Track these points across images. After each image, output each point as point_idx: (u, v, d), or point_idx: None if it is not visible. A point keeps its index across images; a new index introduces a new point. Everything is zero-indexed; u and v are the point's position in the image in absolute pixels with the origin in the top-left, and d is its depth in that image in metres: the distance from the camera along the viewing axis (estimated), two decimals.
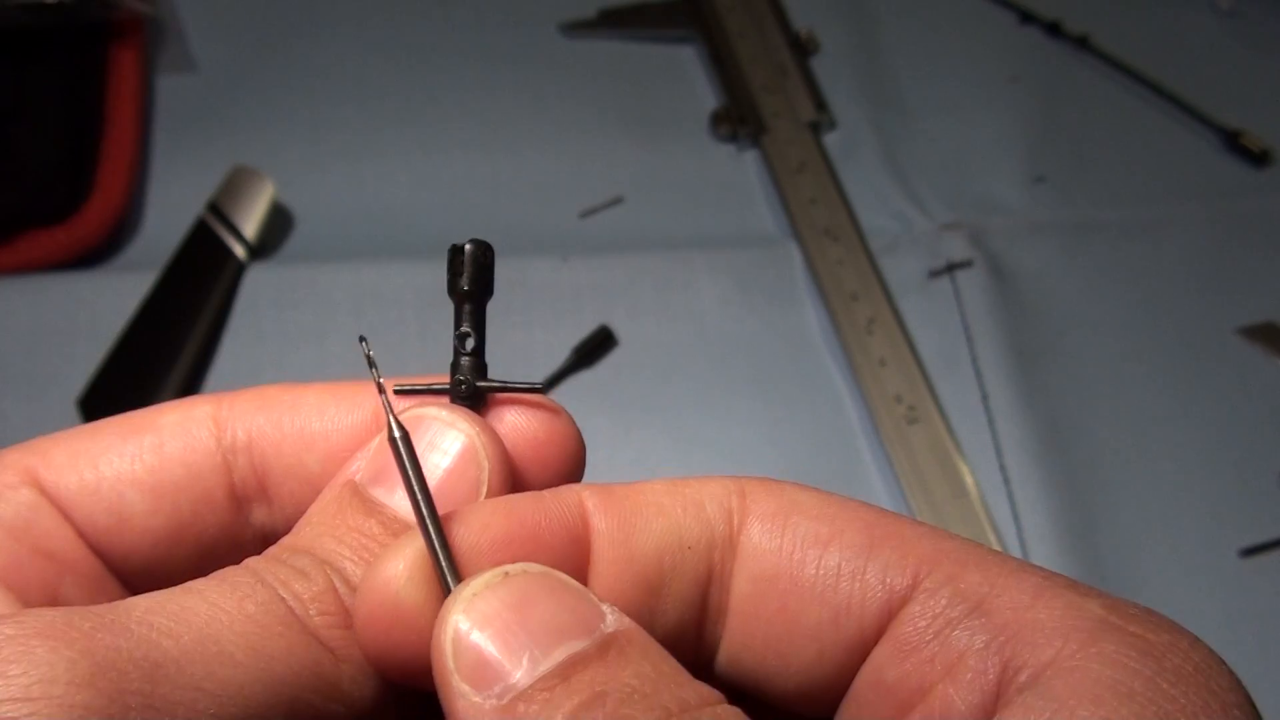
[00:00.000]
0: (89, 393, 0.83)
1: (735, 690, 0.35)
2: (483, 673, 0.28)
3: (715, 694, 0.29)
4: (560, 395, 0.87)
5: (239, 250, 0.90)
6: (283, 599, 0.30)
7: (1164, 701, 0.27)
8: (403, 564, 0.31)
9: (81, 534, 0.34)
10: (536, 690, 0.28)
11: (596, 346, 0.89)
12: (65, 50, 0.96)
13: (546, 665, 0.28)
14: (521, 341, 0.89)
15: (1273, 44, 1.10)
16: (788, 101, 1.02)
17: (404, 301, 0.89)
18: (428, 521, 0.31)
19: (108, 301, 0.87)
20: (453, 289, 0.36)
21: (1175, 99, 1.04)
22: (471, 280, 0.36)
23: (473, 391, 0.35)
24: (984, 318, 0.91)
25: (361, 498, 0.34)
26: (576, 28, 1.08)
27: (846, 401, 0.88)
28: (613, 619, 0.30)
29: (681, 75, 1.06)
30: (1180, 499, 0.85)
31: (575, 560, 0.32)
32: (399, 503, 0.33)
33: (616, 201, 0.97)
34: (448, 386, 0.36)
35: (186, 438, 0.35)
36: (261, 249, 0.92)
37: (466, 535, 0.31)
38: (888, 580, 0.31)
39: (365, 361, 0.34)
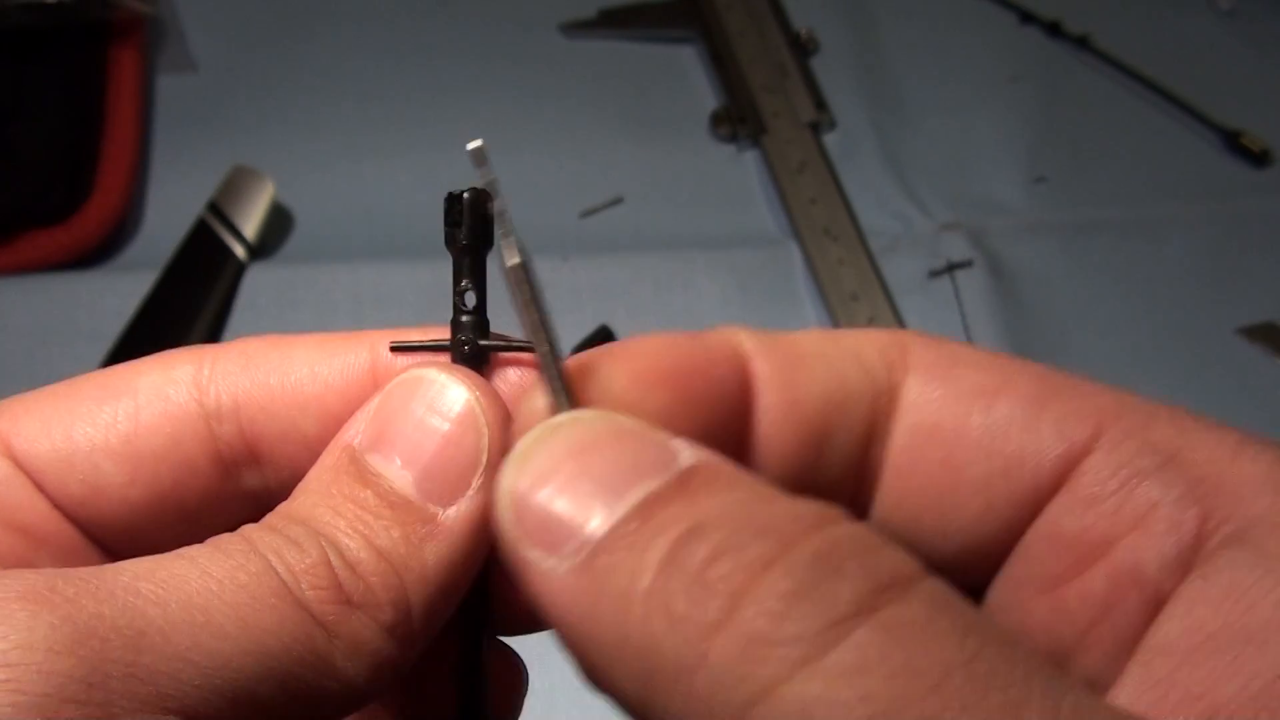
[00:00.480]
0: None
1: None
2: (552, 534, 0.25)
3: (832, 509, 0.25)
4: None
5: (239, 250, 0.90)
6: (275, 571, 0.29)
7: None
8: (541, 400, 0.29)
9: (56, 504, 0.33)
10: (616, 539, 0.25)
11: (596, 346, 0.89)
12: (65, 50, 0.96)
13: (622, 509, 0.25)
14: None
15: (1273, 44, 1.10)
16: (788, 101, 1.02)
17: (404, 301, 0.88)
18: (550, 364, 0.29)
19: (108, 301, 0.87)
20: (450, 241, 0.33)
21: (1175, 99, 1.04)
22: (471, 232, 0.33)
23: (475, 351, 0.33)
24: (984, 318, 0.91)
25: (358, 465, 0.32)
26: (576, 28, 1.08)
27: None
28: (689, 453, 0.26)
29: (681, 75, 1.06)
30: None
31: (738, 405, 0.30)
32: (396, 473, 0.32)
33: (616, 201, 0.97)
34: (448, 344, 0.34)
35: (165, 403, 0.33)
36: (261, 249, 0.92)
37: (620, 372, 0.29)
38: (1065, 430, 0.29)
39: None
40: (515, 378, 0.34)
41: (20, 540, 0.32)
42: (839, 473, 0.31)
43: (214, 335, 0.87)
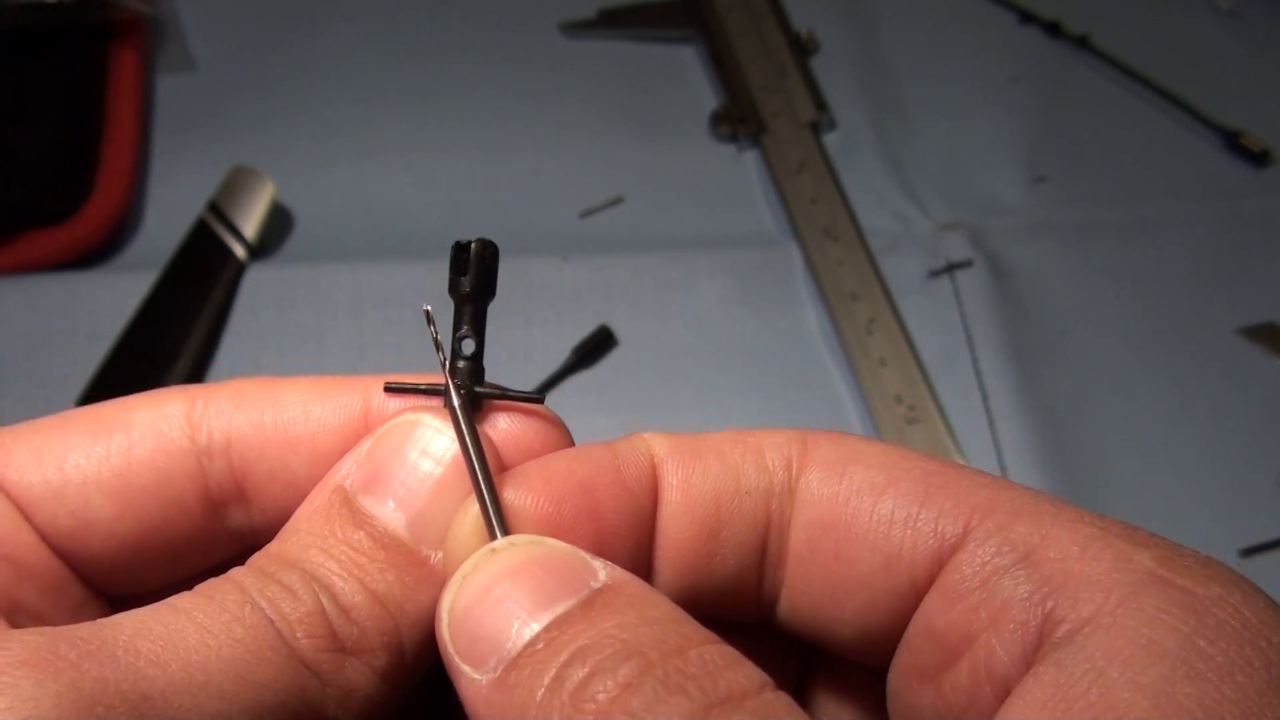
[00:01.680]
0: (89, 393, 0.83)
1: (796, 640, 0.35)
2: (480, 649, 0.28)
3: (707, 634, 0.28)
4: (560, 395, 0.87)
5: (239, 250, 0.90)
6: (270, 621, 0.29)
7: (1198, 660, 0.26)
8: (469, 524, 0.31)
9: (44, 536, 0.33)
10: (524, 656, 0.28)
11: (596, 346, 0.89)
12: (65, 50, 0.96)
13: (533, 629, 0.28)
14: (521, 341, 0.89)
15: (1273, 44, 1.10)
16: (788, 101, 1.02)
17: (404, 301, 0.88)
18: (487, 498, 0.31)
19: (108, 301, 0.87)
20: (454, 288, 0.34)
21: (1175, 99, 1.04)
22: (475, 281, 0.34)
23: (470, 398, 0.34)
24: (984, 318, 0.91)
25: (351, 507, 0.32)
26: (576, 28, 1.08)
27: (846, 401, 0.88)
28: (604, 574, 0.30)
29: (681, 75, 1.06)
30: (1180, 499, 0.84)
31: (646, 506, 0.33)
32: (389, 515, 0.32)
33: (616, 201, 0.97)
34: (441, 388, 0.34)
35: (158, 439, 0.34)
36: (261, 249, 0.92)
37: (533, 490, 0.31)
38: (940, 528, 0.31)
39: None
40: (506, 425, 0.35)
41: (7, 571, 0.32)
42: (737, 562, 0.34)
43: (214, 335, 0.87)
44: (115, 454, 0.33)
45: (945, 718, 0.31)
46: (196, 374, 0.86)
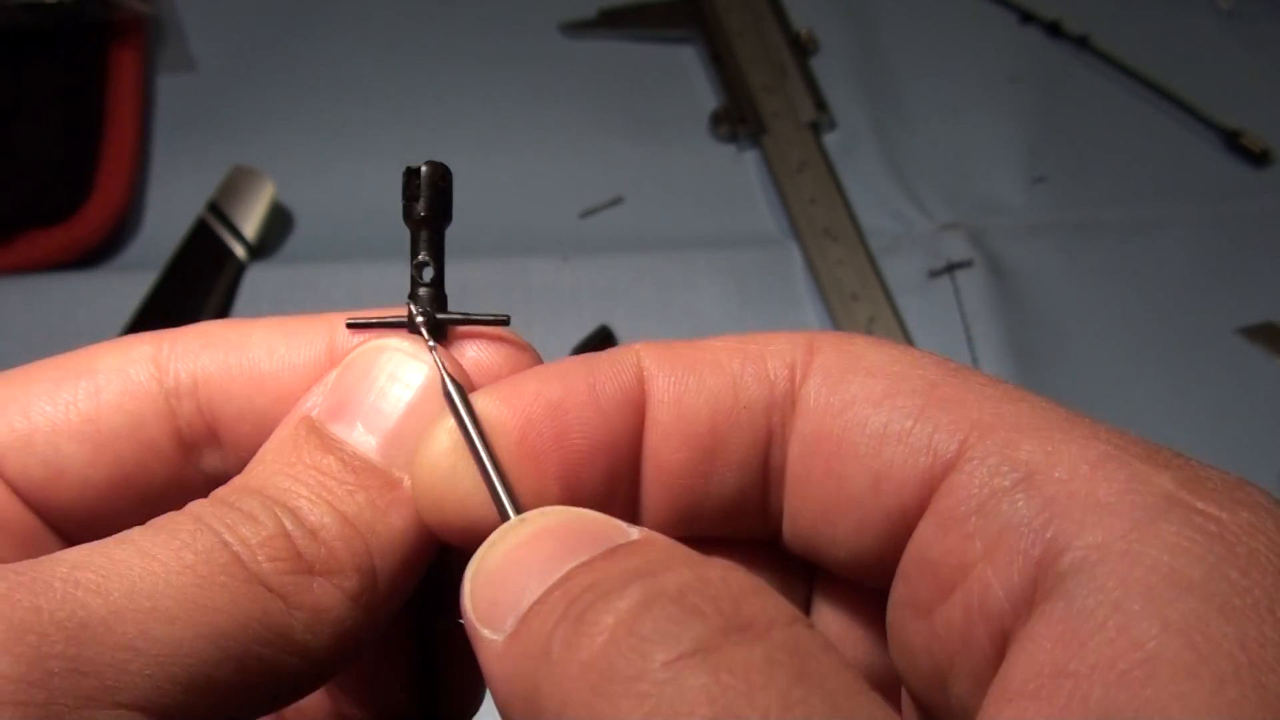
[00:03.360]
0: None
1: (801, 561, 0.33)
2: (496, 611, 0.27)
3: (731, 565, 0.26)
4: None
5: (239, 250, 0.90)
6: (227, 544, 0.28)
7: (1231, 594, 0.23)
8: (447, 441, 0.30)
9: (14, 488, 0.32)
10: (536, 605, 0.26)
11: (596, 346, 0.89)
12: (65, 50, 0.96)
13: (548, 584, 0.26)
14: None
15: (1273, 44, 1.10)
16: (788, 101, 1.02)
17: (404, 301, 0.88)
18: (489, 468, 0.30)
19: (108, 301, 0.87)
20: (408, 215, 0.34)
21: (1175, 99, 1.04)
22: (429, 205, 0.33)
23: (433, 324, 0.33)
24: (984, 318, 0.91)
25: (319, 434, 0.31)
26: (576, 28, 1.07)
27: None
28: (637, 533, 0.28)
29: (681, 75, 1.06)
30: None
31: (632, 424, 0.31)
32: (359, 438, 0.31)
33: (616, 201, 0.97)
34: (405, 320, 0.33)
35: (125, 382, 0.33)
36: (261, 249, 0.92)
37: (512, 408, 0.30)
38: (934, 443, 0.28)
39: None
40: (475, 353, 0.34)
41: None
42: (736, 481, 0.31)
43: None
44: (83, 399, 0.33)
45: (937, 658, 0.28)
46: None
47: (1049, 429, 0.27)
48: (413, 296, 0.34)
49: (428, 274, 0.34)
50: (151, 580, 0.26)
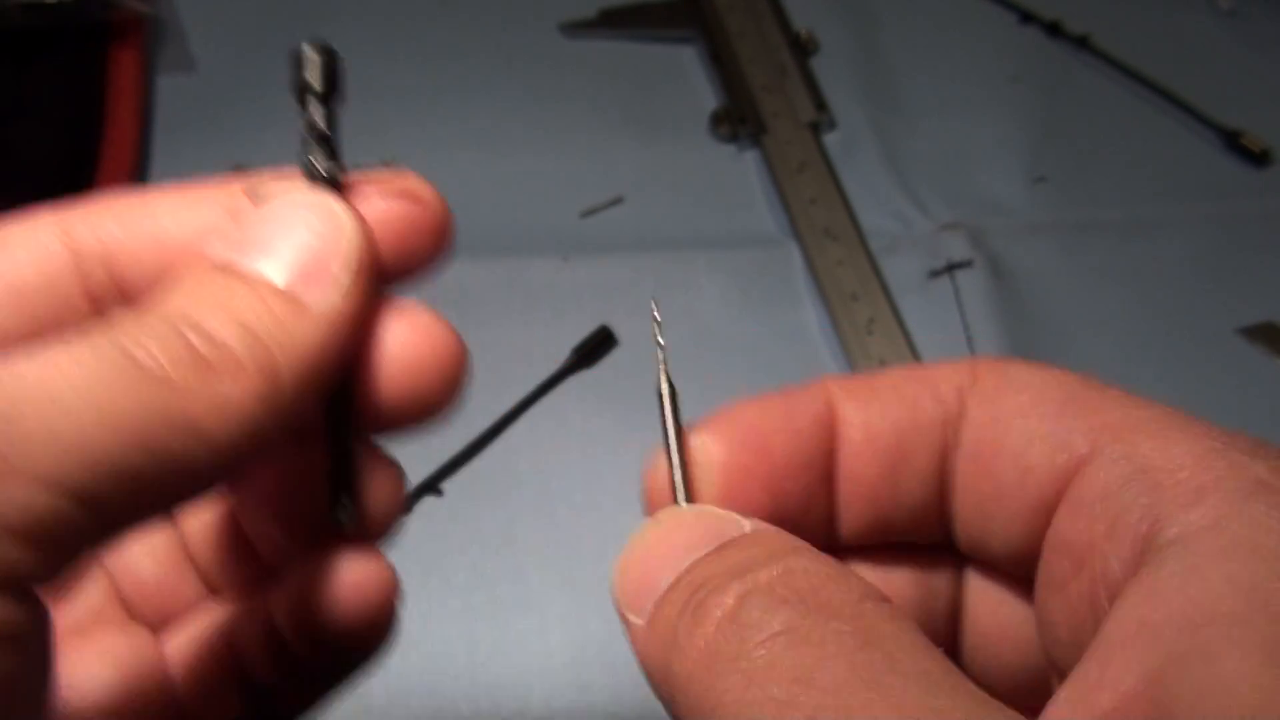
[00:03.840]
0: None
1: (969, 560, 0.38)
2: (639, 599, 0.32)
3: (817, 555, 0.31)
4: (560, 395, 0.87)
5: None
6: (124, 348, 0.29)
7: None
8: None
9: None
10: (665, 594, 0.31)
11: (596, 346, 0.89)
12: (65, 50, 0.96)
13: (676, 575, 0.31)
14: (521, 341, 0.89)
15: (1273, 44, 1.10)
16: (788, 101, 1.02)
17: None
18: (679, 469, 0.36)
19: None
20: (302, 88, 0.36)
21: (1175, 99, 1.04)
22: (324, 81, 0.36)
23: (331, 175, 0.35)
24: (984, 318, 0.91)
25: (222, 264, 0.33)
26: (576, 28, 1.08)
27: None
28: (749, 525, 0.33)
29: (681, 75, 1.06)
30: None
31: (824, 444, 0.36)
32: (263, 266, 0.33)
33: (616, 201, 0.97)
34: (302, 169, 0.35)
35: (35, 246, 0.35)
36: None
37: (720, 432, 0.36)
38: (1071, 443, 0.33)
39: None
40: (384, 205, 0.37)
41: None
42: (920, 492, 0.36)
43: None
44: None
45: (1073, 629, 0.32)
46: None
47: (1166, 430, 0.32)
48: (305, 149, 0.35)
49: (321, 131, 0.36)
50: (50, 380, 0.28)
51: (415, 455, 0.83)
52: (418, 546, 0.81)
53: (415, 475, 0.83)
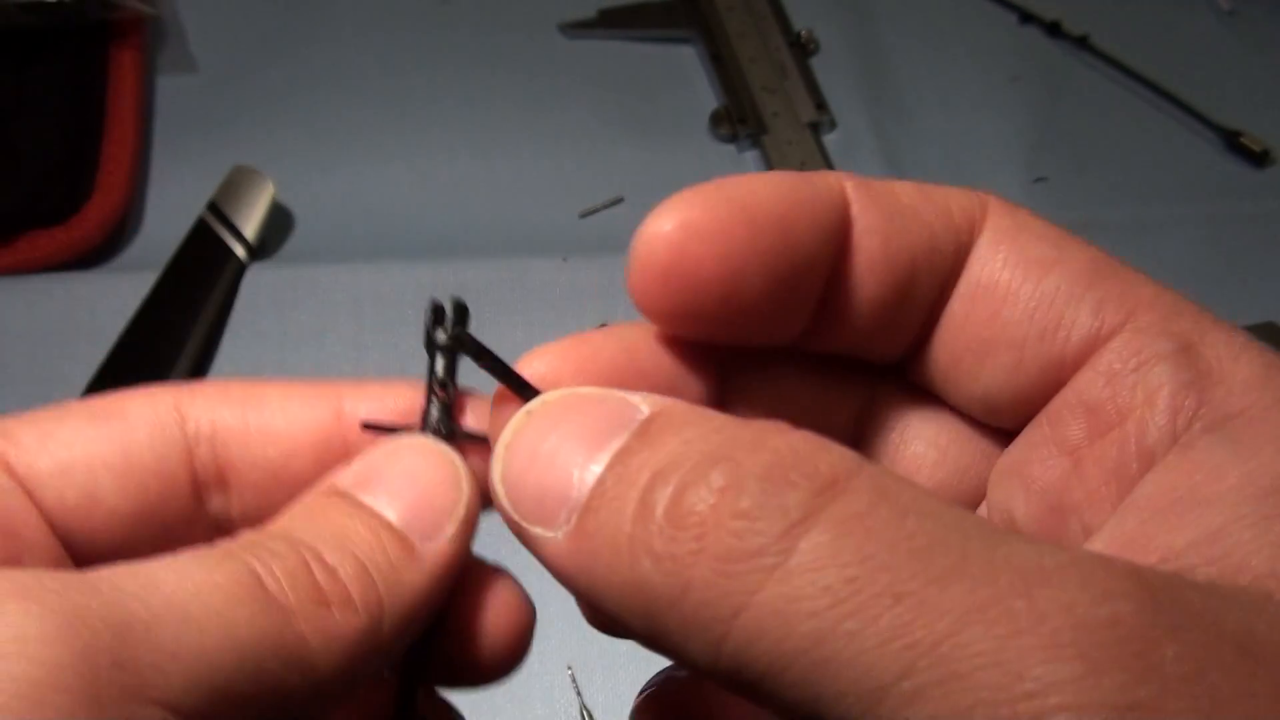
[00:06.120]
0: (89, 393, 0.83)
1: (919, 389, 0.37)
2: (545, 508, 0.29)
3: (780, 425, 0.28)
4: None
5: (239, 250, 0.90)
6: (252, 570, 0.30)
7: None
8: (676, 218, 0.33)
9: (48, 516, 0.34)
10: (595, 499, 0.28)
11: None
12: (65, 50, 0.96)
13: (596, 471, 0.28)
14: (522, 341, 0.88)
15: (1273, 44, 1.10)
16: (788, 101, 1.02)
17: (404, 301, 0.88)
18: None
19: (108, 301, 0.87)
20: (429, 342, 0.38)
21: (1175, 99, 1.04)
22: (451, 335, 0.38)
23: (449, 435, 0.37)
24: None
25: (345, 497, 0.34)
26: (576, 28, 1.07)
27: None
28: (645, 405, 0.30)
29: (681, 75, 1.06)
30: None
31: (834, 241, 0.33)
32: (381, 505, 0.34)
33: (616, 201, 0.97)
34: (418, 429, 0.37)
35: (154, 424, 0.36)
36: (261, 249, 0.92)
37: (737, 194, 0.32)
38: (1102, 312, 0.32)
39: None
40: (479, 466, 0.37)
41: (9, 543, 0.33)
42: (916, 316, 0.35)
43: (214, 335, 0.87)
44: (117, 436, 0.35)
45: (1068, 491, 0.32)
46: (196, 374, 0.86)
47: (1200, 315, 0.33)
48: (428, 411, 0.37)
49: (447, 393, 0.38)
50: (185, 594, 0.28)
51: None
52: None
53: None
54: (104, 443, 0.35)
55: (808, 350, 0.36)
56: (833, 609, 0.24)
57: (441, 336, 0.38)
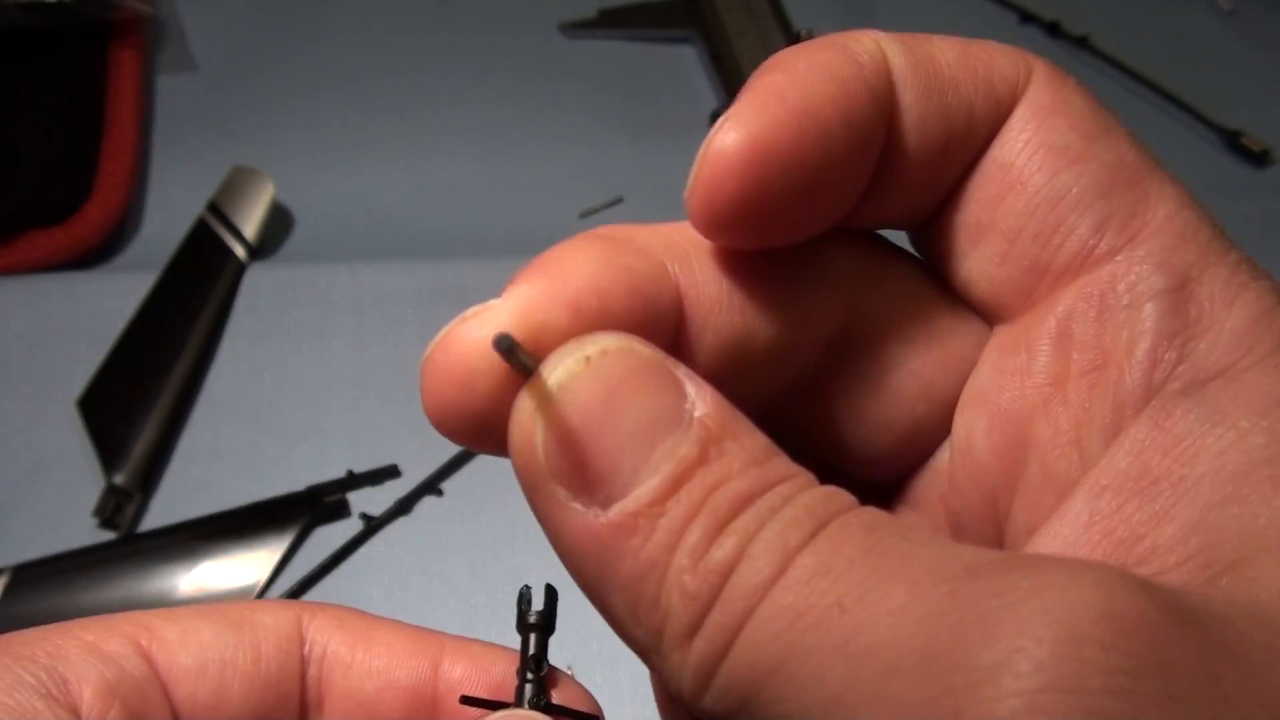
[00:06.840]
0: (89, 393, 0.83)
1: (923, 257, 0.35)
2: (585, 479, 0.27)
3: (793, 468, 0.28)
4: None
5: (239, 250, 0.90)
6: None
7: None
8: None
9: (177, 709, 0.36)
10: (651, 506, 0.27)
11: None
12: (65, 50, 0.96)
13: (651, 476, 0.27)
14: None
15: (1273, 44, 1.10)
16: None
17: (404, 301, 0.88)
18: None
19: (108, 301, 0.87)
20: (522, 621, 0.40)
21: (1175, 99, 1.04)
22: (543, 615, 0.40)
23: (545, 708, 0.38)
24: None
25: None
26: (576, 28, 1.08)
27: None
28: (693, 393, 0.28)
29: (681, 75, 1.06)
30: None
31: (885, 126, 0.32)
32: None
33: (616, 201, 0.97)
34: (510, 705, 0.39)
35: (280, 638, 0.38)
36: (261, 249, 0.92)
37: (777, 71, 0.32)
38: (1104, 229, 0.30)
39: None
40: None
41: None
42: (943, 189, 0.33)
43: (214, 335, 0.87)
44: (249, 644, 0.38)
45: (1054, 427, 0.31)
46: (197, 374, 0.86)
47: (1208, 245, 0.30)
48: (521, 688, 0.39)
49: (539, 669, 0.40)
50: None
51: (415, 455, 0.83)
52: (418, 547, 0.81)
53: (415, 475, 0.83)
54: (238, 649, 0.37)
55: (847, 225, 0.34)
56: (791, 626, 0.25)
57: (534, 617, 0.40)
